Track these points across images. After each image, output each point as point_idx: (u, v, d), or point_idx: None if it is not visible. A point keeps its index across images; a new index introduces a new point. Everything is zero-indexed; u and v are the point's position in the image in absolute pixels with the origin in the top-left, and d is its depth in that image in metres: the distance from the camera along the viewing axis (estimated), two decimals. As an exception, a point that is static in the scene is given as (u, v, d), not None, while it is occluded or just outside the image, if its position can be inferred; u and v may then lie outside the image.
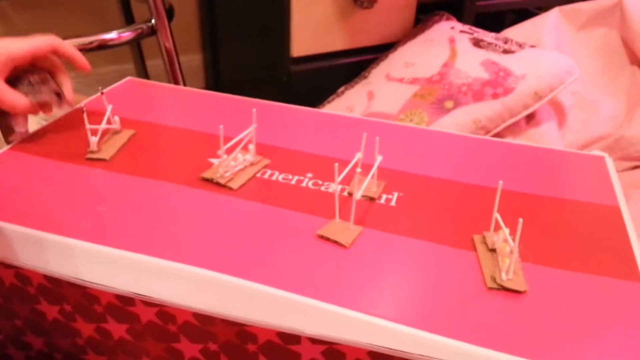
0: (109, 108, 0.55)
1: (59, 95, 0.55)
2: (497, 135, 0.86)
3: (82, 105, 0.56)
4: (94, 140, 0.53)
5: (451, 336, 0.34)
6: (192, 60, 1.55)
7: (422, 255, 0.42)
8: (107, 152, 0.53)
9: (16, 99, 0.52)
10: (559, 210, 0.48)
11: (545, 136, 0.85)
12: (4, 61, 0.51)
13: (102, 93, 0.59)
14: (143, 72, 1.32)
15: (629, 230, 0.46)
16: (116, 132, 0.56)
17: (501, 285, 0.38)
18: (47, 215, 0.44)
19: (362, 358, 0.36)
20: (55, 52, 0.55)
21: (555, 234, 0.45)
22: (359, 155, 0.47)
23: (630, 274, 0.41)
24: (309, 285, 0.37)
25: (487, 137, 0.70)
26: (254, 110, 0.52)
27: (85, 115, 0.52)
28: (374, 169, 0.48)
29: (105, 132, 0.55)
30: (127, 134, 0.56)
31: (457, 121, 0.84)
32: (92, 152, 0.53)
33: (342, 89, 1.08)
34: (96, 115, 0.55)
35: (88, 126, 0.52)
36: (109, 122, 0.55)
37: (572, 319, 0.36)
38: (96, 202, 0.45)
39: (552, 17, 1.05)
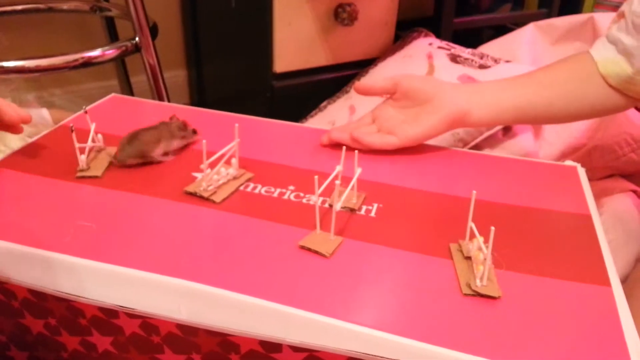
0: (92, 126, 0.56)
1: None
2: (475, 147, 0.88)
3: (70, 124, 0.56)
4: (83, 158, 0.53)
5: (428, 341, 0.35)
6: (177, 76, 1.56)
7: (400, 264, 0.43)
8: (97, 170, 0.53)
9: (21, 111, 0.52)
10: (532, 218, 0.50)
11: (522, 147, 0.87)
12: None
13: (86, 112, 0.60)
14: (128, 88, 1.33)
15: (599, 237, 0.48)
16: (100, 150, 0.57)
17: (476, 292, 0.39)
18: (32, 230, 0.44)
19: (342, 364, 0.37)
20: None
21: (529, 241, 0.46)
22: (339, 168, 0.48)
23: (600, 278, 0.42)
24: (290, 294, 0.38)
25: (464, 149, 0.72)
26: (237, 125, 0.53)
27: (73, 135, 0.52)
28: (353, 181, 0.49)
29: (89, 150, 0.56)
30: (111, 151, 0.57)
31: (437, 134, 0.86)
32: (82, 170, 0.53)
33: (324, 103, 1.10)
34: (81, 133, 0.56)
35: (77, 145, 0.53)
36: (93, 140, 0.56)
37: (545, 323, 0.38)
38: (81, 217, 0.46)
39: (527, 32, 1.08)
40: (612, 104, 0.65)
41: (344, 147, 0.51)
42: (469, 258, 0.43)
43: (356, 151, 0.51)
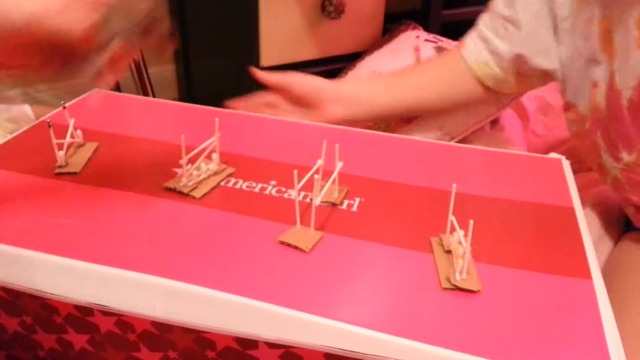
0: (71, 122, 0.55)
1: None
2: (463, 140, 0.88)
3: (47, 119, 0.56)
4: (61, 154, 0.52)
5: (406, 336, 0.35)
6: (165, 71, 1.55)
7: (381, 259, 0.42)
8: (76, 166, 0.53)
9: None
10: (515, 211, 0.50)
11: (509, 140, 0.87)
12: None
13: (65, 107, 0.59)
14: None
15: (581, 229, 0.47)
16: (80, 146, 0.56)
17: (455, 286, 0.39)
18: (6, 227, 0.43)
19: (318, 360, 0.36)
20: None
21: (510, 234, 0.46)
22: (319, 162, 0.48)
23: (581, 271, 0.42)
24: (268, 290, 0.38)
25: (450, 142, 0.72)
26: (217, 119, 0.52)
27: (51, 130, 0.51)
28: (334, 175, 0.49)
29: (69, 146, 0.55)
30: (91, 146, 0.56)
31: (423, 127, 0.86)
32: (60, 166, 0.52)
33: (312, 98, 1.09)
34: (62, 129, 0.55)
35: (54, 141, 0.52)
36: (72, 135, 0.55)
37: (524, 316, 0.37)
38: (57, 214, 0.45)
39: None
40: (487, 98, 0.72)
41: (325, 141, 0.50)
42: (449, 252, 0.43)
43: (337, 145, 0.50)
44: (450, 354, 0.34)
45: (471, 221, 0.38)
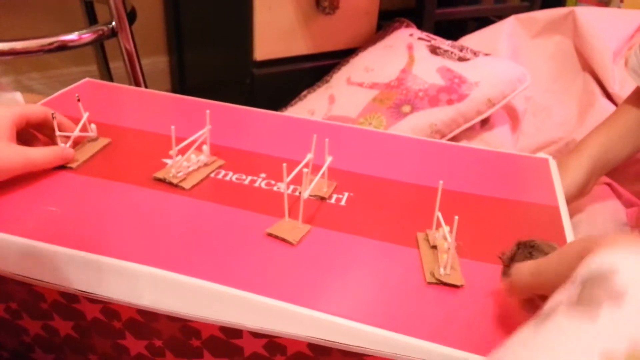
0: (85, 115, 0.55)
1: None
2: (453, 139, 0.88)
3: (52, 112, 0.55)
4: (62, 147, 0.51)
5: (389, 328, 0.35)
6: (158, 62, 1.54)
7: (366, 253, 0.43)
8: (75, 161, 0.52)
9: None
10: (501, 209, 0.50)
11: (499, 140, 0.87)
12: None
13: (79, 100, 0.56)
14: (107, 73, 1.31)
15: (565, 228, 0.48)
16: (92, 140, 0.56)
17: (439, 280, 0.40)
18: (-6, 213, 0.43)
19: (302, 350, 0.37)
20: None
21: (494, 231, 0.47)
22: (309, 156, 0.48)
23: (563, 269, 0.42)
24: (254, 281, 0.38)
25: (440, 140, 0.72)
26: (207, 111, 0.52)
27: (55, 122, 0.51)
28: (323, 169, 0.49)
29: (80, 139, 0.54)
30: (102, 142, 0.55)
31: (414, 125, 0.87)
32: None
33: (304, 92, 1.09)
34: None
35: (58, 133, 0.51)
36: (84, 129, 0.55)
37: (506, 311, 0.38)
38: (46, 201, 0.45)
39: (508, 25, 1.08)
40: None
41: (315, 135, 0.51)
42: (434, 247, 0.43)
43: (326, 139, 0.51)
44: (431, 346, 0.35)
45: (456, 217, 0.39)
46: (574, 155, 0.71)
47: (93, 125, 0.56)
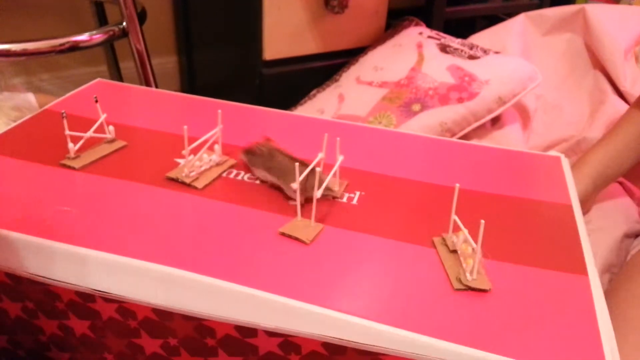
0: (102, 117, 0.55)
1: None
2: (464, 137, 0.88)
3: (62, 110, 0.55)
4: (72, 147, 0.52)
5: (402, 327, 0.35)
6: (168, 62, 1.55)
7: (379, 251, 0.43)
8: (85, 159, 0.52)
9: None
10: (515, 208, 0.50)
11: (510, 138, 0.87)
12: None
13: (97, 101, 0.57)
14: (117, 74, 1.32)
15: (579, 227, 0.48)
16: (110, 141, 0.56)
17: (467, 286, 0.39)
18: (7, 213, 0.44)
19: (316, 349, 0.37)
20: None
21: (509, 231, 0.47)
22: (320, 155, 0.48)
23: (577, 268, 0.42)
24: (268, 280, 0.38)
25: (450, 139, 0.72)
26: (219, 111, 0.53)
27: (65, 122, 0.51)
28: (335, 168, 0.49)
29: (98, 140, 0.54)
30: (117, 144, 0.55)
31: (424, 124, 0.86)
32: (68, 158, 0.52)
33: (314, 91, 1.09)
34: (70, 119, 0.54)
35: (68, 132, 0.51)
36: (102, 130, 0.55)
37: (530, 312, 0.38)
38: (61, 201, 0.46)
39: (518, 23, 1.08)
40: None
41: (326, 135, 0.51)
42: (454, 251, 0.43)
43: (337, 139, 0.51)
44: (443, 344, 0.34)
45: (482, 221, 0.38)
46: (574, 172, 0.71)
47: (111, 127, 0.56)
